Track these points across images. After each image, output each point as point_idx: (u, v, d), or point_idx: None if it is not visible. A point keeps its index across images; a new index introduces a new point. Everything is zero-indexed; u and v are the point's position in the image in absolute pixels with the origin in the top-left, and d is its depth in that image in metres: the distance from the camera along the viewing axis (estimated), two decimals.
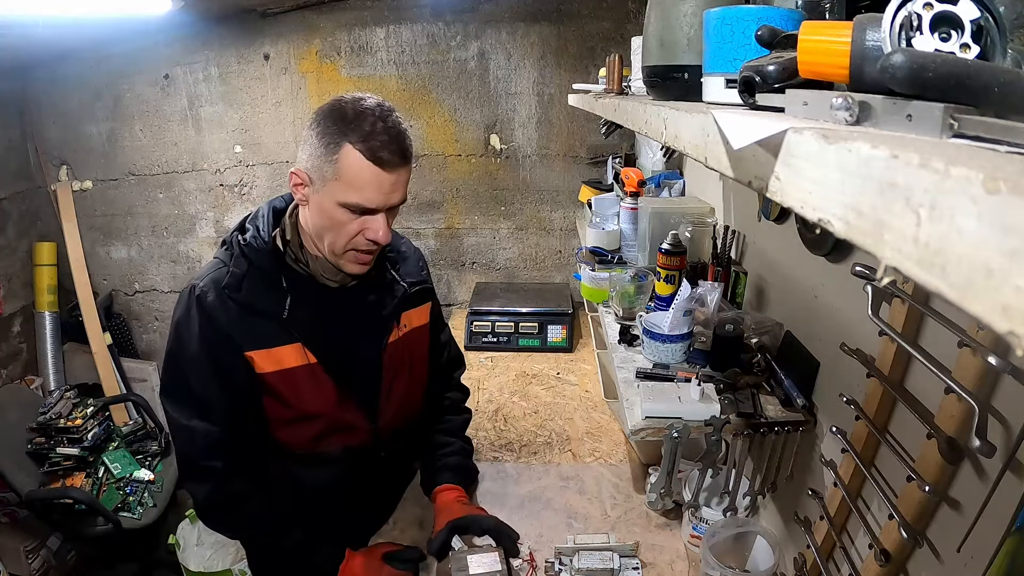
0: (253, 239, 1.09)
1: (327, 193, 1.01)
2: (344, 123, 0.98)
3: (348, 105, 1.00)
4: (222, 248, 1.14)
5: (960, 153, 0.23)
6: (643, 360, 1.26)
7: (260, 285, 1.08)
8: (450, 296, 2.81)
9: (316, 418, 1.14)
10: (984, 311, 0.17)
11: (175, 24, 2.28)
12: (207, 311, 1.05)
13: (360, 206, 1.00)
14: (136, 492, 2.24)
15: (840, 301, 1.01)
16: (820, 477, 1.03)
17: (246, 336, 1.06)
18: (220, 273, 1.08)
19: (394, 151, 0.99)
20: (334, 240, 1.04)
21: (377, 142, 0.97)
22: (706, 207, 1.63)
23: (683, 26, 0.72)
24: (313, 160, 1.01)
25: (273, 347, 1.08)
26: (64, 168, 2.70)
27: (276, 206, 1.16)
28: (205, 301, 1.06)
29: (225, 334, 1.06)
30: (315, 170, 1.01)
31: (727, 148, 0.37)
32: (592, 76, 2.11)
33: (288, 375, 1.09)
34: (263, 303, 1.07)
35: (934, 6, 0.33)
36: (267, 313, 1.07)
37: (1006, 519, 0.61)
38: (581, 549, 1.19)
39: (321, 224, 1.05)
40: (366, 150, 0.97)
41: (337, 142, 0.98)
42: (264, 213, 1.13)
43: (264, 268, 1.08)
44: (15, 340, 2.63)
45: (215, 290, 1.06)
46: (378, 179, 0.99)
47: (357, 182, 0.98)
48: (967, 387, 0.65)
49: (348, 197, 0.99)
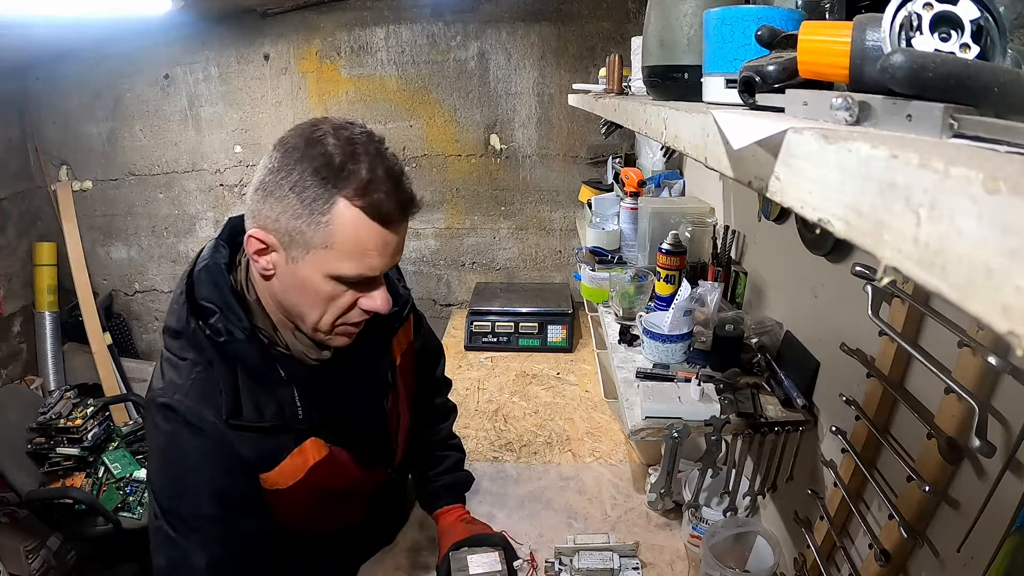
0: (228, 329, 0.81)
1: (311, 264, 0.76)
2: (332, 170, 0.73)
3: (332, 142, 0.74)
4: (176, 341, 0.84)
5: (960, 153, 0.23)
6: (643, 360, 1.26)
7: (259, 390, 0.85)
8: (450, 296, 2.81)
9: (334, 494, 1.01)
10: (984, 311, 0.17)
11: (175, 24, 2.28)
12: (213, 441, 0.82)
13: (361, 276, 0.78)
14: (136, 492, 2.24)
15: (840, 301, 1.01)
16: (820, 477, 1.03)
17: (260, 458, 0.86)
18: (203, 386, 0.82)
19: (403, 202, 0.77)
20: (318, 317, 0.81)
21: (382, 194, 0.74)
22: (706, 207, 1.63)
23: (683, 26, 0.72)
24: (289, 221, 0.74)
25: (293, 453, 0.89)
26: (64, 168, 2.70)
27: (220, 262, 0.85)
28: (205, 432, 0.82)
29: (240, 462, 0.85)
30: (292, 234, 0.75)
31: (727, 148, 0.37)
32: (592, 76, 2.11)
33: (310, 475, 0.92)
34: (271, 412, 0.85)
35: (934, 6, 0.33)
36: (280, 423, 0.86)
37: (1006, 519, 0.61)
38: (581, 549, 1.19)
39: (299, 301, 0.80)
40: (369, 207, 0.74)
41: (326, 197, 0.73)
42: (215, 279, 0.83)
43: (256, 365, 0.84)
44: (15, 340, 2.63)
45: (213, 413, 0.82)
46: (384, 241, 0.76)
47: (357, 249, 0.75)
48: (967, 387, 0.65)
49: (344, 269, 0.76)
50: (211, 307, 0.82)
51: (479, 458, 1.59)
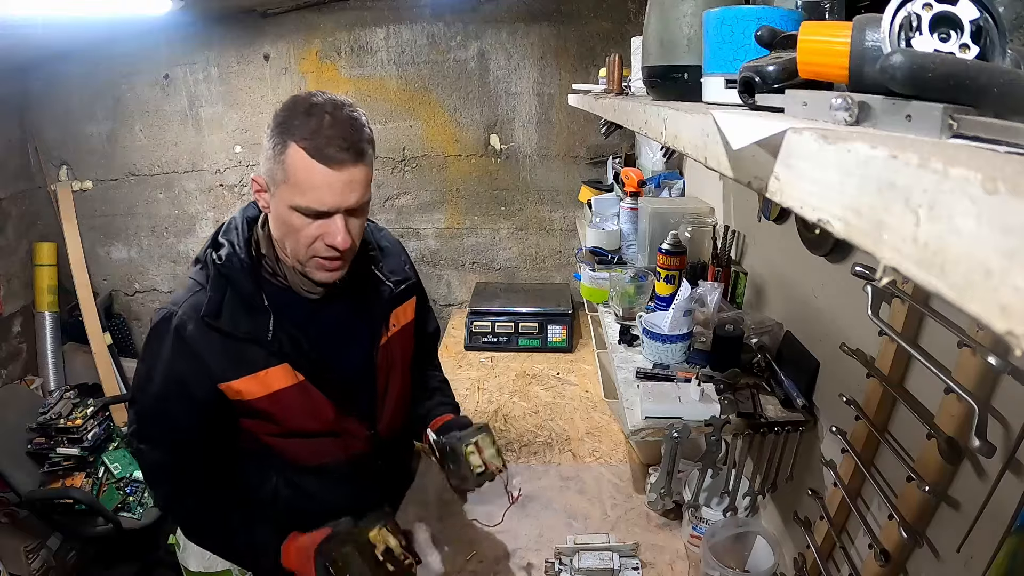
0: (229, 257, 1.03)
1: (280, 198, 0.96)
2: (290, 121, 0.93)
3: (299, 103, 0.95)
4: (196, 267, 1.08)
5: (959, 153, 0.23)
6: (643, 360, 1.26)
7: (241, 308, 1.02)
8: (450, 296, 2.81)
9: (310, 434, 1.12)
10: (983, 311, 0.17)
11: (175, 24, 2.28)
12: (188, 343, 1.00)
13: (312, 209, 0.94)
14: (136, 492, 2.24)
15: (840, 301, 1.01)
16: (820, 477, 1.03)
17: (230, 365, 1.02)
18: (198, 298, 1.02)
19: (343, 147, 0.92)
20: (295, 247, 0.99)
21: (323, 138, 0.91)
22: (706, 207, 1.63)
23: (683, 26, 0.72)
24: (266, 164, 0.96)
25: (259, 371, 1.04)
26: (64, 168, 2.70)
27: (249, 215, 1.10)
28: (184, 333, 1.00)
29: (204, 366, 1.01)
30: (268, 174, 0.96)
31: (727, 148, 0.37)
32: (592, 76, 2.11)
33: (276, 397, 1.06)
34: (245, 327, 1.02)
35: (933, 6, 0.33)
36: (250, 337, 1.02)
37: (1006, 519, 0.61)
38: (581, 549, 1.19)
39: (280, 232, 1.00)
40: (311, 148, 0.91)
41: (284, 142, 0.92)
42: (237, 225, 1.07)
43: (244, 288, 1.02)
44: (15, 340, 2.63)
45: (194, 321, 1.00)
46: (327, 179, 0.92)
47: (305, 184, 0.92)
48: (967, 387, 0.65)
49: (297, 200, 0.94)
50: (225, 243, 1.04)
51: None
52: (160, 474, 1.11)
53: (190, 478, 1.09)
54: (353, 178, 0.95)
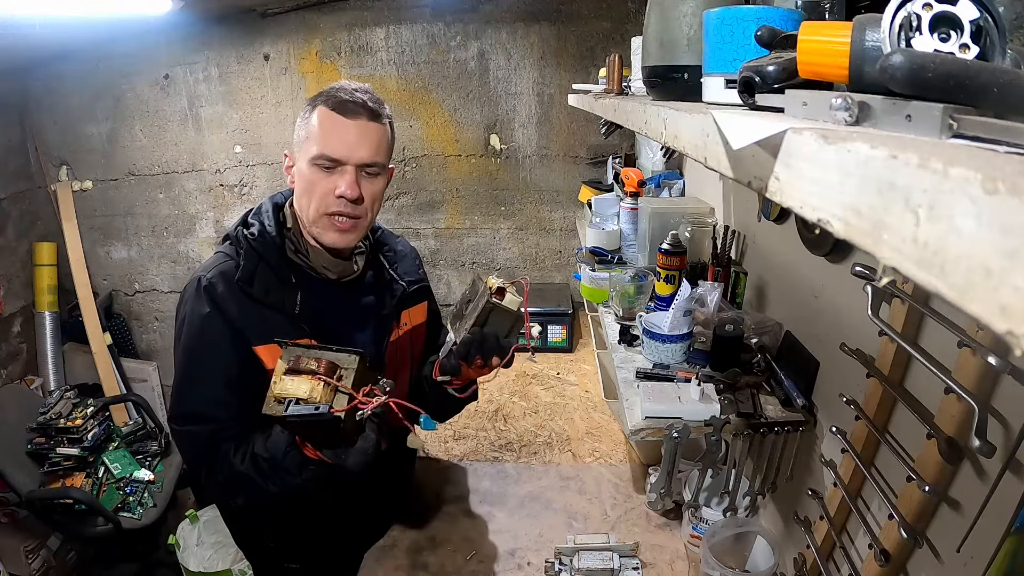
0: (261, 233, 1.09)
1: (303, 157, 1.05)
2: (320, 95, 1.06)
3: (330, 86, 1.08)
4: (224, 243, 1.14)
5: (959, 153, 0.23)
6: (643, 360, 1.26)
7: (272, 279, 1.08)
8: (450, 296, 2.81)
9: None
10: (983, 311, 0.17)
11: (175, 24, 2.28)
12: (217, 303, 1.04)
13: (325, 156, 1.02)
14: (136, 492, 2.24)
15: (840, 301, 1.01)
16: (820, 477, 1.03)
17: (255, 330, 1.05)
18: (228, 266, 1.08)
19: (359, 101, 1.03)
20: (309, 203, 1.06)
21: (344, 95, 1.03)
22: (706, 207, 1.63)
23: (683, 26, 0.72)
24: (296, 134, 1.07)
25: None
26: (64, 168, 2.70)
27: (276, 201, 1.17)
28: (215, 292, 1.05)
29: (236, 327, 1.05)
30: (297, 143, 1.07)
31: (727, 148, 0.37)
32: (592, 76, 2.11)
33: None
34: (275, 297, 1.07)
35: (933, 6, 0.33)
36: (279, 308, 1.07)
37: (1006, 519, 0.61)
38: (581, 549, 1.19)
39: (300, 192, 1.07)
40: (332, 103, 1.03)
41: (312, 107, 1.05)
42: (267, 208, 1.14)
43: (274, 262, 1.09)
44: (15, 340, 2.63)
45: (224, 282, 1.05)
46: (342, 127, 1.02)
47: (322, 133, 1.02)
48: (967, 387, 0.65)
49: (314, 150, 1.03)
50: (256, 223, 1.11)
51: (479, 458, 1.59)
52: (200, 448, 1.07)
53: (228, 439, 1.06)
54: (367, 132, 1.04)
